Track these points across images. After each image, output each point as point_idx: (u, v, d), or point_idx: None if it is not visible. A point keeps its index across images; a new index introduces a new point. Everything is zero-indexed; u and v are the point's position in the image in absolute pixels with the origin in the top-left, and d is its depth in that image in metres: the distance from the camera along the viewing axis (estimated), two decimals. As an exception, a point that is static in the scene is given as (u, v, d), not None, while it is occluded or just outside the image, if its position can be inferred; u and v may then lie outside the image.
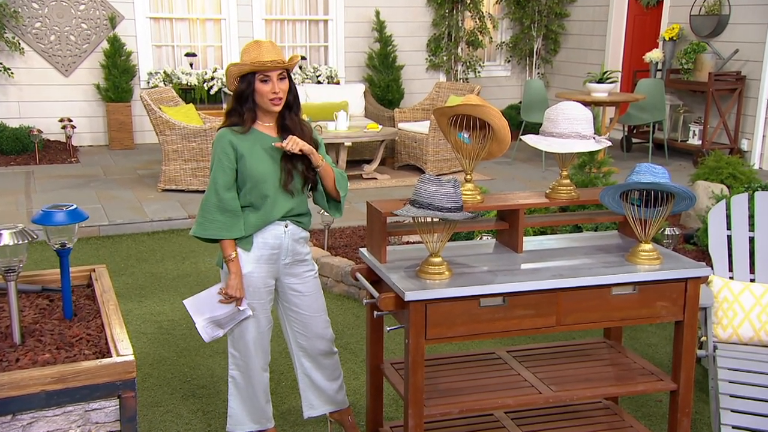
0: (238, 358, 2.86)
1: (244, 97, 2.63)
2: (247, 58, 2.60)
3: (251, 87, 2.61)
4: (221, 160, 2.61)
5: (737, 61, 7.90)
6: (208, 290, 2.75)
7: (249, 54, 2.61)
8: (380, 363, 2.80)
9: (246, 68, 2.59)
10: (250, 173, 2.63)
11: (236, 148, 2.62)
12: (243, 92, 2.63)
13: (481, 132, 2.63)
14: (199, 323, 2.76)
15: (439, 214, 2.35)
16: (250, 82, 2.61)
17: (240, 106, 2.65)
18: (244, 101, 2.64)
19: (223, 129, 2.66)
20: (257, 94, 2.62)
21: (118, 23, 8.66)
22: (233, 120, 2.66)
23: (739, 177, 5.34)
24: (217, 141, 2.64)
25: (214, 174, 2.63)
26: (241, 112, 2.64)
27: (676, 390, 2.58)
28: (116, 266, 5.12)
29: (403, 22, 9.77)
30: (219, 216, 2.62)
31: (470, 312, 2.39)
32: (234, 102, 2.66)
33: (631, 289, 2.50)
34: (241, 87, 2.63)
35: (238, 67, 2.60)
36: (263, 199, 2.66)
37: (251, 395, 2.88)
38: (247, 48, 2.64)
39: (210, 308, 2.73)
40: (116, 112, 8.63)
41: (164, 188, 6.75)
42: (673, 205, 2.50)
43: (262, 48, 2.60)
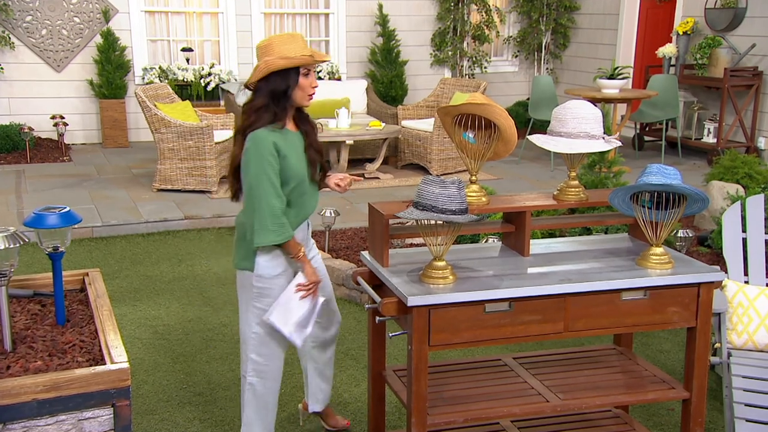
0: (261, 364, 2.75)
1: (283, 94, 2.55)
2: (292, 51, 2.51)
3: (296, 82, 2.54)
4: (270, 162, 2.50)
5: (754, 56, 7.75)
6: (284, 294, 2.65)
7: (289, 47, 2.52)
8: (382, 370, 2.73)
9: (297, 62, 2.51)
10: (294, 172, 2.57)
11: (279, 148, 2.53)
12: (285, 88, 2.54)
13: (487, 132, 2.57)
14: (287, 331, 2.66)
15: (443, 217, 2.29)
16: (294, 77, 2.54)
17: (275, 102, 2.55)
18: (282, 98, 2.55)
19: (261, 130, 2.52)
20: (299, 88, 2.55)
21: (111, 17, 8.56)
22: (266, 118, 2.54)
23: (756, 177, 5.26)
24: (260, 143, 2.51)
25: (268, 177, 2.50)
26: (275, 109, 2.55)
27: (689, 399, 2.52)
28: (110, 269, 5.04)
29: (407, 15, 9.67)
30: (284, 218, 2.56)
31: (475, 318, 2.33)
32: (268, 98, 2.54)
33: (642, 294, 2.43)
34: (283, 83, 2.53)
35: (287, 60, 2.50)
36: (302, 196, 2.64)
37: (267, 403, 2.81)
38: (283, 42, 2.53)
39: (292, 311, 2.65)
40: (110, 109, 8.53)
41: (160, 188, 6.66)
42: (685, 207, 2.44)
43: (301, 41, 2.56)
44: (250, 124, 2.54)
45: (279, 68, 2.51)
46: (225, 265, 5.16)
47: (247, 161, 2.52)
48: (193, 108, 7.13)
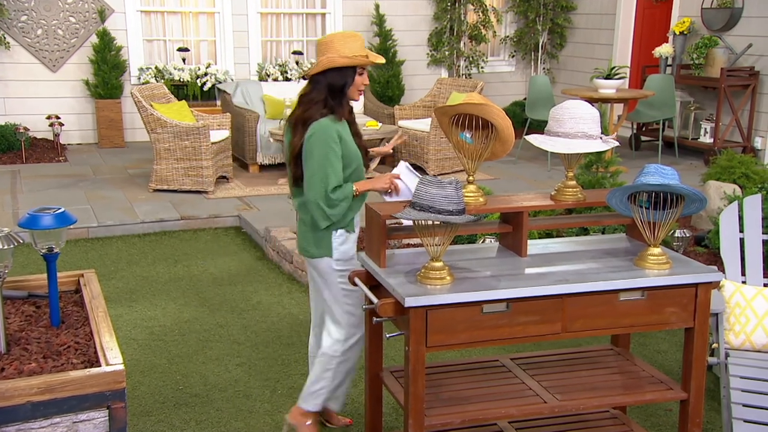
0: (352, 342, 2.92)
1: (339, 89, 2.75)
2: (353, 51, 2.72)
3: (352, 79, 2.76)
4: (333, 149, 2.71)
5: (751, 56, 7.74)
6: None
7: (349, 46, 2.72)
8: (379, 371, 2.72)
9: (356, 61, 2.72)
10: (355, 155, 2.80)
11: (341, 136, 2.75)
12: (343, 84, 2.75)
13: (484, 132, 2.56)
14: None
15: (440, 218, 2.28)
16: (351, 75, 2.75)
17: (331, 96, 2.75)
18: (340, 92, 2.76)
19: (325, 120, 2.73)
20: (354, 85, 2.77)
21: (107, 17, 8.52)
22: (324, 110, 2.75)
23: (753, 177, 5.26)
24: (324, 131, 2.71)
25: (331, 162, 2.70)
26: (332, 102, 2.75)
27: (687, 399, 2.51)
28: (106, 269, 5.01)
29: (404, 15, 9.65)
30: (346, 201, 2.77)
31: (473, 318, 2.32)
32: (326, 92, 2.75)
33: (640, 295, 2.42)
34: (342, 78, 2.74)
35: (348, 59, 2.71)
36: (359, 178, 2.86)
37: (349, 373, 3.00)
38: (345, 39, 2.74)
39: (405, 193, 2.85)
40: (106, 109, 8.49)
41: (156, 188, 6.63)
42: (683, 207, 2.43)
43: (360, 41, 2.77)
44: (311, 115, 2.74)
45: (339, 66, 2.72)
46: (221, 265, 5.14)
47: (311, 148, 2.71)
48: (189, 108, 7.11)
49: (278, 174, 7.25)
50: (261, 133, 7.38)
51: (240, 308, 4.42)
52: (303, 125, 2.75)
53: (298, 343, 3.95)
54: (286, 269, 5.00)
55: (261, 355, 3.81)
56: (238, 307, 4.43)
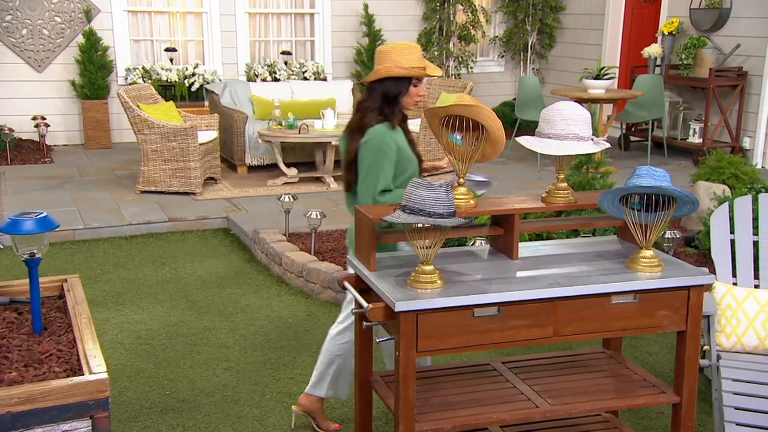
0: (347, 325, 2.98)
1: (394, 98, 2.82)
2: (410, 62, 2.77)
3: (407, 89, 2.82)
4: (388, 156, 2.76)
5: (739, 56, 7.76)
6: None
7: (407, 57, 2.78)
8: (369, 375, 2.68)
9: (413, 73, 2.79)
10: (410, 162, 2.85)
11: (396, 142, 2.81)
12: (397, 93, 2.82)
13: (475, 133, 2.52)
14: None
15: (430, 221, 2.25)
16: (407, 85, 2.82)
17: (386, 104, 2.82)
18: (393, 102, 2.83)
19: (381, 126, 2.80)
20: (408, 95, 2.83)
21: (93, 16, 8.44)
22: (379, 117, 2.82)
23: (742, 177, 5.26)
24: (380, 137, 2.78)
25: (383, 168, 2.76)
26: (386, 110, 2.82)
27: (679, 403, 2.49)
28: (92, 272, 4.95)
29: (393, 15, 9.61)
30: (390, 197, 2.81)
31: (464, 323, 2.29)
32: (381, 101, 2.82)
33: (632, 298, 2.39)
34: (396, 88, 2.81)
35: (404, 70, 2.77)
36: None
37: None
38: (405, 50, 2.80)
39: None
40: (92, 110, 8.41)
41: (143, 190, 6.57)
42: (674, 209, 2.41)
43: (418, 53, 2.82)
44: (367, 122, 2.82)
45: (395, 75, 2.79)
46: (209, 267, 5.09)
47: (366, 153, 2.78)
48: (176, 109, 7.04)
49: (267, 175, 7.20)
50: (249, 134, 7.32)
51: (228, 311, 4.37)
52: (359, 132, 2.83)
53: (287, 347, 3.90)
54: (275, 271, 4.96)
55: (249, 359, 3.77)
56: (227, 310, 4.39)
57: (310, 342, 3.96)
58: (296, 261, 4.71)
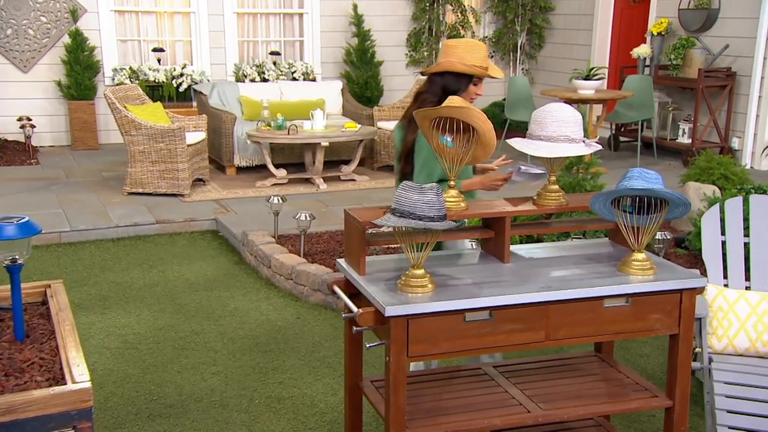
0: None
1: (453, 94, 2.78)
2: (474, 60, 2.81)
3: (466, 87, 2.86)
4: None
5: (727, 56, 7.78)
6: None
7: (472, 55, 2.82)
8: (359, 381, 2.65)
9: (475, 72, 2.82)
10: None
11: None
12: (456, 89, 2.84)
13: (465, 135, 2.49)
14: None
15: (421, 224, 2.22)
16: (467, 82, 2.86)
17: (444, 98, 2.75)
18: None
19: None
20: (466, 92, 2.87)
21: (80, 16, 8.35)
22: None
23: (731, 178, 5.26)
24: None
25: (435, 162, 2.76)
26: None
27: (672, 407, 2.47)
28: (78, 275, 4.89)
29: (382, 15, 9.58)
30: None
31: (455, 327, 2.26)
32: (440, 94, 2.85)
33: (624, 301, 2.37)
34: (456, 84, 2.85)
35: (466, 67, 2.81)
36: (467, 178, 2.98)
37: None
38: (471, 48, 2.84)
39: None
40: (79, 111, 8.32)
41: (130, 191, 6.50)
42: (667, 212, 2.39)
43: (483, 52, 2.85)
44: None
45: (457, 71, 2.83)
46: (197, 270, 5.04)
47: (422, 144, 2.82)
48: (164, 109, 6.97)
49: (256, 176, 7.15)
50: (238, 135, 7.27)
51: (216, 314, 4.32)
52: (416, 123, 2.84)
53: (276, 351, 3.86)
54: (264, 274, 4.91)
55: (238, 363, 3.72)
56: (215, 314, 4.34)
57: (299, 346, 3.92)
58: (285, 263, 4.67)
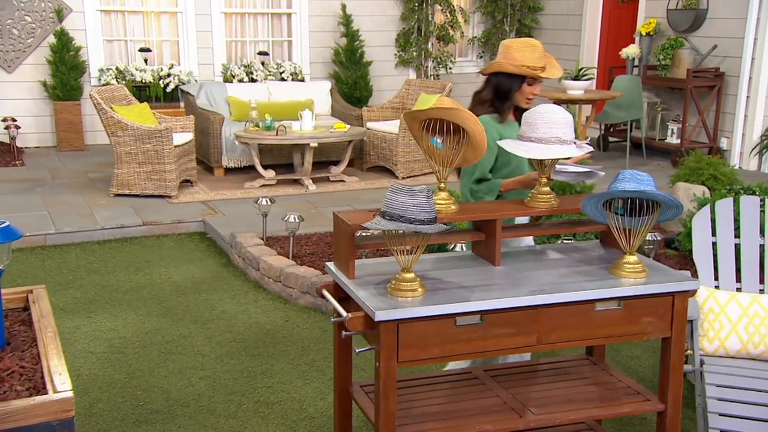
0: None
1: (506, 94, 2.86)
2: (523, 60, 2.78)
3: (519, 87, 2.84)
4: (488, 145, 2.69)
5: (716, 57, 7.80)
6: None
7: (524, 55, 2.79)
8: (349, 386, 2.61)
9: (524, 72, 2.79)
10: (515, 155, 2.75)
11: (501, 134, 2.82)
12: (509, 90, 2.85)
13: (455, 137, 2.46)
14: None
15: (411, 227, 2.18)
16: (519, 83, 2.83)
17: (497, 98, 2.87)
18: (504, 97, 2.87)
19: (486, 117, 2.85)
20: (520, 92, 2.85)
21: (65, 16, 8.26)
22: (488, 109, 2.88)
23: (721, 178, 5.27)
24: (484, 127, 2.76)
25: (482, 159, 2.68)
26: (497, 104, 2.87)
27: (664, 411, 2.45)
28: (63, 278, 4.82)
29: (371, 15, 9.53)
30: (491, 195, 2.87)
31: (446, 332, 2.23)
32: (492, 94, 2.88)
33: (616, 305, 2.35)
34: (508, 84, 2.84)
35: (515, 68, 2.79)
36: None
37: None
38: (522, 48, 2.81)
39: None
40: (65, 111, 8.23)
41: (117, 193, 6.42)
42: (659, 214, 2.37)
43: (537, 52, 2.81)
44: (476, 112, 2.80)
45: (507, 72, 2.82)
46: (185, 272, 4.98)
47: None
48: (151, 110, 6.91)
49: (244, 177, 7.09)
50: (226, 136, 7.21)
51: (204, 318, 4.27)
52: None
53: (265, 354, 3.82)
54: (252, 276, 4.86)
55: (226, 368, 3.68)
56: (202, 317, 4.28)
57: (288, 349, 3.88)
58: (274, 265, 4.62)
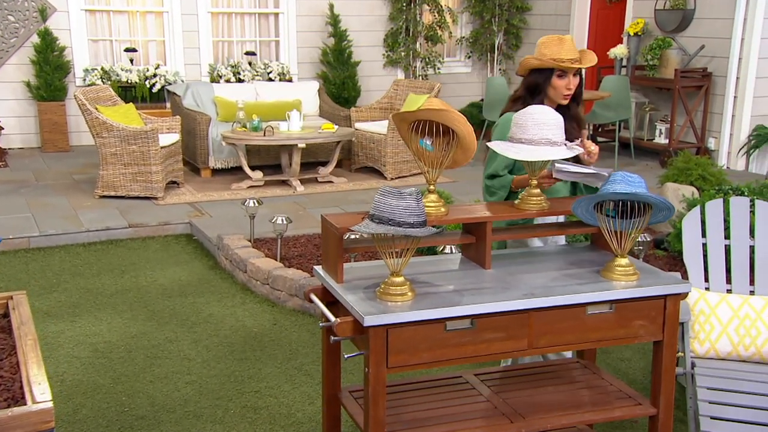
0: None
1: (537, 89, 2.81)
2: (548, 53, 2.74)
3: (548, 81, 2.78)
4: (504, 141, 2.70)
5: (703, 57, 7.81)
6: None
7: (550, 48, 2.75)
8: (338, 391, 2.57)
9: (547, 64, 2.75)
10: None
11: None
12: (537, 84, 2.80)
13: (445, 138, 2.42)
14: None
15: (400, 231, 2.15)
16: (548, 76, 2.78)
17: (530, 95, 2.82)
18: (537, 92, 2.81)
19: (509, 114, 2.80)
20: (552, 87, 2.79)
21: (49, 15, 8.16)
22: (518, 106, 2.78)
23: (709, 179, 5.27)
24: (504, 124, 2.80)
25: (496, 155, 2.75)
26: (530, 101, 2.78)
27: (656, 415, 2.43)
28: (47, 282, 4.74)
29: (359, 15, 9.49)
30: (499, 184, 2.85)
31: (436, 336, 2.19)
32: (524, 91, 2.85)
33: (608, 308, 2.32)
34: (537, 79, 2.80)
35: (539, 61, 2.76)
36: None
37: None
38: (547, 42, 2.78)
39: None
40: (49, 112, 8.13)
41: (102, 194, 6.35)
42: (650, 216, 2.34)
43: (564, 45, 2.75)
44: (506, 110, 2.89)
45: (532, 67, 2.79)
46: (171, 275, 4.92)
47: (491, 137, 2.84)
48: (137, 111, 6.82)
49: (231, 178, 7.03)
50: (213, 137, 7.14)
51: (191, 321, 4.22)
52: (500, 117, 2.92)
53: (252, 358, 3.77)
54: (240, 279, 4.81)
55: (212, 372, 3.63)
56: (189, 320, 4.23)
57: (276, 353, 3.83)
58: (261, 268, 4.57)
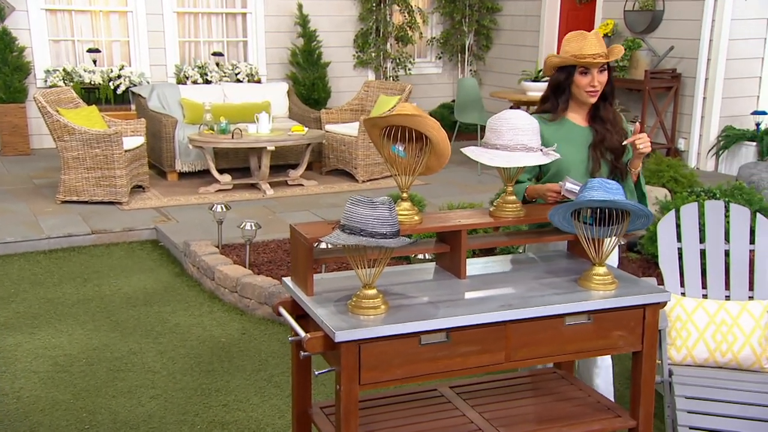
0: None
1: (560, 88, 2.72)
2: (569, 49, 2.67)
3: (570, 78, 2.68)
4: None
5: (672, 58, 7.86)
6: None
7: (571, 45, 2.67)
8: (308, 408, 2.47)
9: (569, 61, 2.66)
10: (557, 161, 2.57)
11: (543, 135, 2.60)
12: (560, 83, 2.71)
13: (418, 144, 2.35)
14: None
15: (373, 242, 2.06)
16: (570, 74, 2.68)
17: (554, 95, 2.74)
18: (560, 92, 2.73)
19: (536, 116, 2.72)
20: (575, 85, 2.69)
21: (7, 15, 7.90)
22: (545, 107, 2.76)
23: (681, 180, 5.27)
24: None
25: None
26: (555, 101, 2.74)
27: (636, 427, 2.38)
28: (5, 291, 4.56)
29: (328, 15, 9.38)
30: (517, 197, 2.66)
31: (410, 351, 2.11)
32: (549, 90, 2.77)
33: (586, 319, 2.26)
34: (559, 78, 2.71)
35: (559, 58, 2.68)
36: None
37: None
38: (570, 38, 2.69)
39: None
40: (8, 114, 7.89)
41: (64, 200, 6.15)
42: (628, 223, 2.29)
43: (587, 40, 2.66)
44: (536, 111, 2.79)
45: (555, 65, 2.72)
46: (136, 283, 4.77)
47: None
48: (100, 113, 6.63)
49: (198, 182, 6.88)
50: (179, 139, 6.98)
51: (156, 332, 4.08)
52: None
53: (220, 370, 3.65)
54: (207, 286, 4.68)
55: (178, 385, 3.50)
56: (154, 331, 4.09)
57: (244, 364, 3.71)
58: (230, 275, 4.45)
